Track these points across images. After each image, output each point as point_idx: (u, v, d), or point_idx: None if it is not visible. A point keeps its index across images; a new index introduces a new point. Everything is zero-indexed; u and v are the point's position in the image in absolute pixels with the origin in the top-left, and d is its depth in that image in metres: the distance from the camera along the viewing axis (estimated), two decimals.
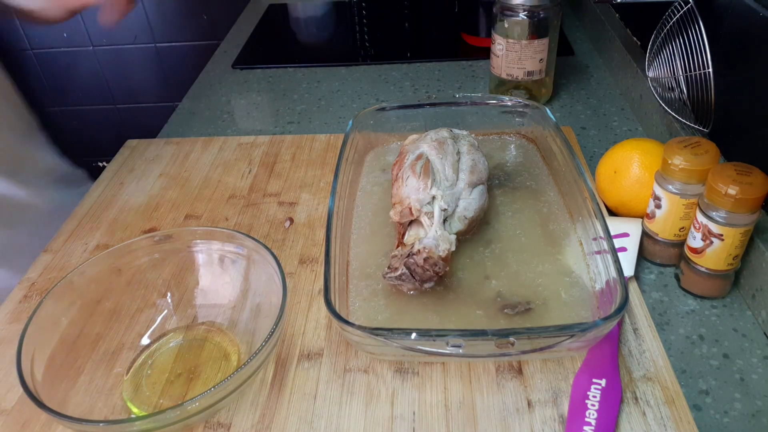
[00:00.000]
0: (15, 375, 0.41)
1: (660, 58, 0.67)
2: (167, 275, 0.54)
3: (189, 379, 0.49)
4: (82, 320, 0.49)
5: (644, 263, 0.60)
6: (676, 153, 0.53)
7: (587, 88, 0.92)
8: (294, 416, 0.46)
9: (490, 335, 0.43)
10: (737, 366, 0.50)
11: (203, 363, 0.50)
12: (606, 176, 0.63)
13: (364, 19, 1.21)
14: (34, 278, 0.60)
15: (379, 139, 0.71)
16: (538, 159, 0.68)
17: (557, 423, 0.44)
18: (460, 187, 0.57)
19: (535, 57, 0.80)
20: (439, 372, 0.49)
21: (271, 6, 1.28)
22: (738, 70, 0.59)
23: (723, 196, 0.49)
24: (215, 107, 0.93)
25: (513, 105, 0.70)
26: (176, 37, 1.58)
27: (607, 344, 0.49)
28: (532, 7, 0.77)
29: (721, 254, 0.52)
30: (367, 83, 0.97)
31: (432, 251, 0.51)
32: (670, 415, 0.44)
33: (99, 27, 1.58)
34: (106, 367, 0.49)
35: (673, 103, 0.67)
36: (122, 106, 1.71)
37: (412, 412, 0.46)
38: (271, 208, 0.68)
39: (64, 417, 0.39)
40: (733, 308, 0.55)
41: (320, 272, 0.59)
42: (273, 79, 1.00)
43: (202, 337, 0.52)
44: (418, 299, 0.52)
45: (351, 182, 0.63)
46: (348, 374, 0.49)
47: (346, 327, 0.44)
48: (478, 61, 1.02)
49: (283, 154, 0.77)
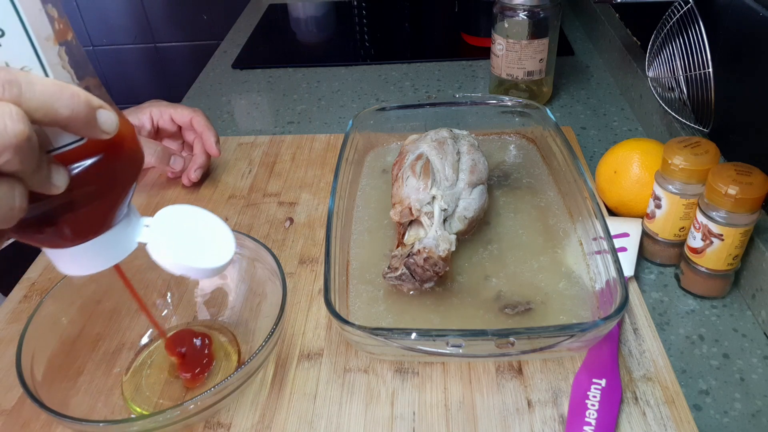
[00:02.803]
0: (15, 375, 0.41)
1: (660, 58, 0.67)
2: (167, 275, 0.54)
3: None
4: (82, 320, 0.49)
5: (644, 263, 0.60)
6: (676, 153, 0.53)
7: (587, 88, 0.92)
8: (294, 416, 0.46)
9: (490, 335, 0.43)
10: (737, 366, 0.50)
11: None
12: (606, 176, 0.63)
13: (364, 19, 1.21)
14: (34, 278, 0.60)
15: (379, 139, 0.71)
16: (538, 159, 0.68)
17: (557, 423, 0.44)
18: (460, 187, 0.57)
19: (535, 57, 0.80)
20: (439, 372, 0.49)
21: (271, 6, 1.28)
22: (738, 70, 0.59)
23: (723, 196, 0.49)
24: (215, 107, 0.93)
25: (513, 105, 0.70)
26: (176, 37, 1.58)
27: (607, 344, 0.49)
28: (532, 7, 0.77)
29: (721, 254, 0.52)
30: (367, 83, 0.97)
31: (432, 251, 0.51)
32: (670, 415, 0.44)
33: (99, 27, 1.58)
34: (106, 367, 0.49)
35: (673, 103, 0.67)
36: (122, 106, 1.70)
37: (412, 412, 0.46)
38: (271, 208, 0.68)
39: (64, 417, 0.39)
40: (733, 308, 0.55)
41: (320, 272, 0.59)
42: (273, 79, 1.00)
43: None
44: (418, 299, 0.52)
45: (351, 182, 0.63)
46: (348, 374, 0.49)
47: (346, 327, 0.44)
48: (478, 61, 1.02)
49: (283, 154, 0.77)
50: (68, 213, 0.30)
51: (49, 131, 0.28)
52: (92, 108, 0.27)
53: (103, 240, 0.33)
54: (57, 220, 0.30)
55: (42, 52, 0.27)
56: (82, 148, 0.29)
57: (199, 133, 0.70)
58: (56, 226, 0.30)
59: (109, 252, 0.34)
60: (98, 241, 0.33)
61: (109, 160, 0.30)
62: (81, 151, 0.29)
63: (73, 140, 0.28)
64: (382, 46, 1.11)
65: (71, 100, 0.26)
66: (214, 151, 0.69)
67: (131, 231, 0.35)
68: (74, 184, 0.28)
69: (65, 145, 0.28)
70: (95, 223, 0.32)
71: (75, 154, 0.29)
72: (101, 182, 0.30)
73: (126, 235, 0.34)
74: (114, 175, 0.31)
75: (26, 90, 0.25)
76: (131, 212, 0.35)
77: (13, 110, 0.24)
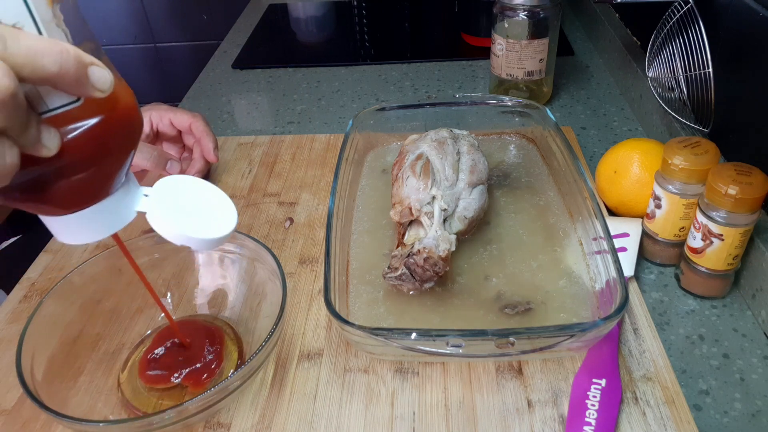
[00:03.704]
0: (15, 375, 0.41)
1: (660, 58, 0.67)
2: (167, 275, 0.54)
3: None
4: (82, 320, 0.49)
5: (644, 263, 0.60)
6: (676, 153, 0.53)
7: (587, 88, 0.92)
8: (294, 416, 0.46)
9: (490, 335, 0.43)
10: (737, 366, 0.50)
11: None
12: (606, 176, 0.63)
13: (364, 19, 1.21)
14: (34, 278, 0.60)
15: (379, 139, 0.71)
16: (538, 159, 0.68)
17: (557, 423, 0.44)
18: (460, 187, 0.57)
19: (535, 57, 0.80)
20: (439, 372, 0.49)
21: (271, 6, 1.28)
22: (738, 70, 0.59)
23: (723, 196, 0.49)
24: (215, 107, 0.93)
25: (513, 105, 0.70)
26: (176, 37, 1.58)
27: (607, 344, 0.49)
28: (532, 7, 0.77)
29: (721, 254, 0.52)
30: (367, 83, 0.97)
31: (432, 251, 0.51)
32: (670, 415, 0.44)
33: (99, 27, 1.58)
34: (106, 367, 0.49)
35: (673, 103, 0.67)
36: None
37: (412, 412, 0.46)
38: (271, 208, 0.68)
39: (64, 417, 0.39)
40: (733, 308, 0.55)
41: (320, 272, 0.59)
42: (273, 79, 1.00)
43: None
44: (418, 299, 0.52)
45: (351, 182, 0.63)
46: (348, 374, 0.49)
47: (347, 327, 0.44)
48: (478, 61, 1.02)
49: (283, 154, 0.77)
50: (64, 178, 0.29)
51: (43, 92, 0.27)
52: (83, 64, 0.26)
53: (100, 208, 0.32)
54: (53, 186, 0.29)
55: (35, 8, 0.26)
56: (77, 110, 0.28)
57: (198, 139, 0.69)
58: (52, 192, 0.29)
59: (108, 221, 0.33)
60: (96, 209, 0.32)
61: (105, 124, 0.29)
62: (76, 113, 0.28)
63: (67, 102, 0.28)
64: (382, 46, 1.11)
65: (60, 55, 0.25)
66: (212, 157, 0.69)
67: (130, 200, 0.34)
68: (69, 148, 0.28)
69: (59, 107, 0.27)
70: (92, 190, 0.32)
71: (69, 116, 0.28)
72: (97, 147, 0.29)
73: (124, 203, 0.34)
74: (111, 140, 0.30)
75: (12, 45, 0.24)
76: (130, 181, 0.34)
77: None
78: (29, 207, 0.31)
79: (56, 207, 0.31)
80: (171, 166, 0.68)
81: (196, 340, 0.49)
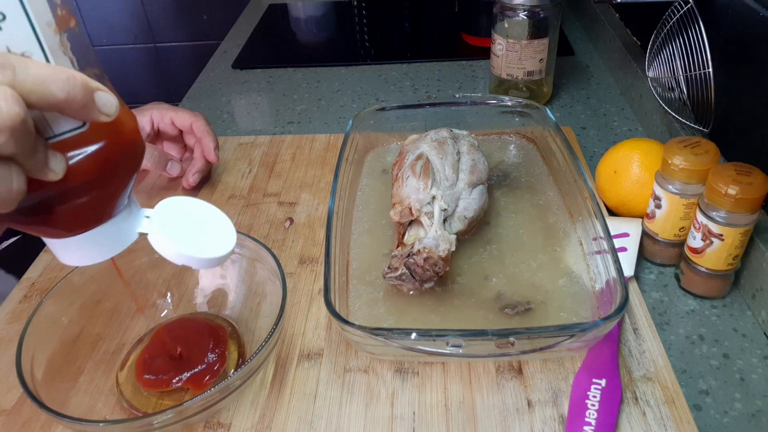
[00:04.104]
0: (15, 375, 0.41)
1: (660, 58, 0.67)
2: (167, 275, 0.54)
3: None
4: (82, 320, 0.49)
5: (644, 263, 0.60)
6: (676, 153, 0.53)
7: (587, 88, 0.92)
8: (294, 416, 0.46)
9: (490, 335, 0.43)
10: (737, 366, 0.50)
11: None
12: (606, 176, 0.63)
13: (364, 19, 1.21)
14: (34, 278, 0.60)
15: (379, 139, 0.71)
16: (538, 159, 0.68)
17: (557, 423, 0.44)
18: (460, 187, 0.57)
19: (535, 57, 0.80)
20: (439, 372, 0.49)
21: (271, 6, 1.28)
22: (738, 70, 0.59)
23: (723, 196, 0.49)
24: (215, 107, 0.93)
25: (513, 105, 0.70)
26: (176, 37, 1.58)
27: (607, 344, 0.49)
28: (532, 7, 0.77)
29: (721, 254, 0.52)
30: (367, 83, 0.97)
31: (432, 251, 0.51)
32: (670, 415, 0.44)
33: (99, 27, 1.58)
34: (106, 367, 0.49)
35: (673, 103, 0.67)
36: None
37: (412, 412, 0.46)
38: (271, 208, 0.68)
39: (64, 417, 0.39)
40: (733, 308, 0.55)
41: (320, 272, 0.59)
42: (273, 79, 1.00)
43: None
44: (418, 299, 0.52)
45: (351, 182, 0.63)
46: (348, 374, 0.49)
47: (347, 327, 0.44)
48: (478, 61, 1.02)
49: (283, 154, 0.77)
50: (68, 202, 0.30)
51: (50, 118, 0.27)
52: (89, 90, 0.27)
53: (103, 230, 0.33)
54: (57, 209, 0.30)
55: (43, 37, 0.27)
56: (83, 135, 0.28)
57: (199, 138, 0.69)
58: (56, 215, 0.30)
59: (110, 242, 0.34)
60: (99, 231, 0.33)
61: (110, 149, 0.29)
62: (81, 138, 0.28)
63: (73, 127, 0.28)
64: (382, 46, 1.11)
65: (67, 82, 0.26)
66: (213, 157, 0.69)
67: (132, 221, 0.35)
68: (74, 172, 0.28)
69: (65, 132, 0.28)
70: (96, 213, 0.32)
71: (75, 141, 0.28)
72: (102, 170, 0.30)
73: (127, 225, 0.34)
74: (115, 164, 0.30)
75: (20, 73, 0.24)
76: (132, 203, 0.35)
77: (8, 92, 0.24)
78: (33, 230, 0.31)
79: (60, 230, 0.31)
80: (171, 166, 0.67)
81: (198, 341, 0.49)
